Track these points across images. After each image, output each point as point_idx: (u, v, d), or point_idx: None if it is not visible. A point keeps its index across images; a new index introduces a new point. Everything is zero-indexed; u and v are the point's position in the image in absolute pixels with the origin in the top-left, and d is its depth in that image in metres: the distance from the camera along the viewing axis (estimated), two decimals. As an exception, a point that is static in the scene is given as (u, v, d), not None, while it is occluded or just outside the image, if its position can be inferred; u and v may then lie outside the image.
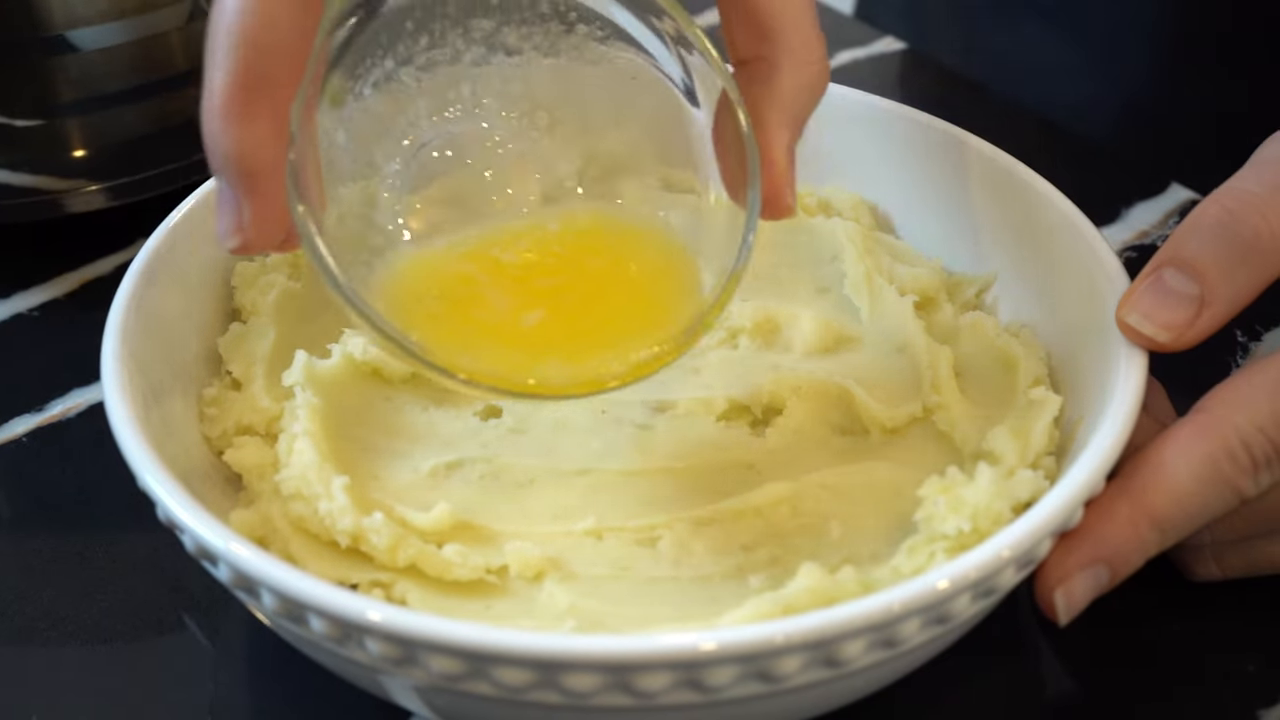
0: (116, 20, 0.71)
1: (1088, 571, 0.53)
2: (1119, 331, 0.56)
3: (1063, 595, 0.53)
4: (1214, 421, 0.54)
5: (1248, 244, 0.55)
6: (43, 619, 0.60)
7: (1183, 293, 0.55)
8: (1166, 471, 0.53)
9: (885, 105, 0.69)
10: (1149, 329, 0.55)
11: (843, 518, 0.56)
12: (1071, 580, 0.53)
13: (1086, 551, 0.53)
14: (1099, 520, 0.53)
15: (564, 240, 0.57)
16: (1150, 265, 0.56)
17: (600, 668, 0.47)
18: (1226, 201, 0.56)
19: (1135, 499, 0.53)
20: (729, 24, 0.54)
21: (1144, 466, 0.54)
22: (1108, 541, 0.53)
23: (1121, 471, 0.54)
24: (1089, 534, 0.53)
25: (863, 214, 0.69)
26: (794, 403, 0.60)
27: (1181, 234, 0.56)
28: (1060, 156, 0.69)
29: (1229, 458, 0.53)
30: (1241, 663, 0.58)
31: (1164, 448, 0.54)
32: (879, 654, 0.49)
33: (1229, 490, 0.54)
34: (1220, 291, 0.55)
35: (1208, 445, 0.53)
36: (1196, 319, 0.55)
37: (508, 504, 0.57)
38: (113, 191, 0.75)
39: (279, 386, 0.60)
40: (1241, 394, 0.54)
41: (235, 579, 0.50)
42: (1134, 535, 0.53)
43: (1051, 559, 0.53)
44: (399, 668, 0.48)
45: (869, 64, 0.92)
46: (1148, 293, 0.55)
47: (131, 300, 0.58)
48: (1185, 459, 0.53)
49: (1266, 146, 0.58)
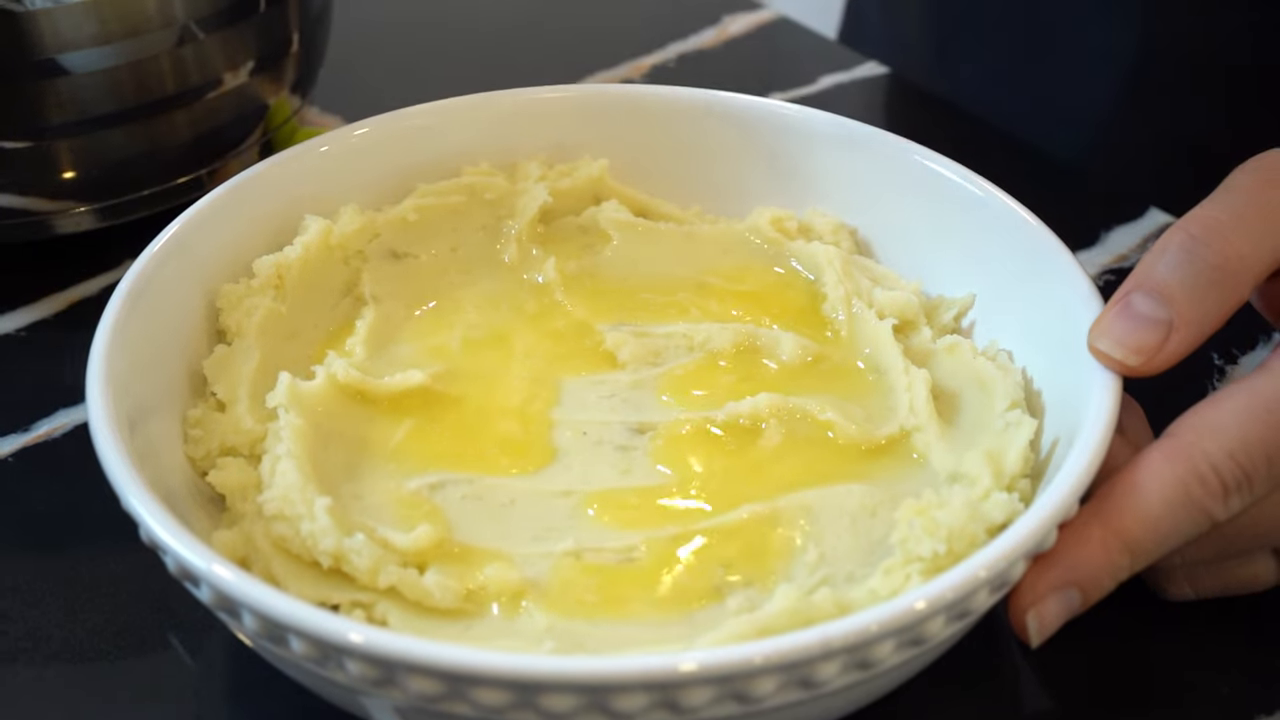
0: (106, 44, 0.71)
1: (1059, 594, 0.53)
2: (1092, 356, 0.57)
3: (1034, 618, 0.54)
4: (1184, 446, 0.54)
5: (1215, 268, 0.56)
6: (27, 638, 0.60)
7: (1152, 317, 0.56)
8: (1138, 496, 0.54)
9: (866, 130, 0.69)
10: (1119, 353, 0.56)
11: (819, 539, 0.56)
12: (1044, 603, 0.53)
13: (1058, 574, 0.53)
14: (1071, 543, 0.53)
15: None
16: (1120, 291, 0.57)
17: (578, 689, 0.47)
18: (1192, 228, 0.57)
19: (1107, 522, 0.54)
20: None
21: (1116, 490, 0.54)
22: (1079, 565, 0.53)
23: (1095, 495, 0.55)
24: (1061, 557, 0.53)
25: (842, 238, 0.69)
26: (772, 425, 0.61)
27: (1150, 260, 0.57)
28: (1039, 181, 0.69)
29: (1199, 482, 0.54)
30: (1218, 683, 0.59)
31: (1136, 472, 0.54)
32: (855, 675, 0.49)
33: (1200, 514, 0.54)
34: (1189, 315, 0.56)
35: (1178, 470, 0.54)
36: (1166, 343, 0.56)
37: (489, 525, 0.58)
38: (101, 213, 0.75)
39: (263, 408, 0.60)
40: (1211, 419, 0.55)
41: (216, 600, 0.51)
42: (1105, 558, 0.54)
43: (1024, 582, 0.53)
44: (378, 688, 0.49)
45: (852, 88, 0.92)
46: (1118, 318, 0.56)
47: (116, 322, 0.58)
48: (1157, 483, 0.54)
49: (1236, 175, 0.59)
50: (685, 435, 0.61)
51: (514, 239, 0.69)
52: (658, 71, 0.94)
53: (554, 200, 0.70)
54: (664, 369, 0.65)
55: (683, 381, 0.64)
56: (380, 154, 0.70)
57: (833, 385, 0.63)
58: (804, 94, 0.91)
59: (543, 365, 0.65)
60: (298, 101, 0.82)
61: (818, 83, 0.93)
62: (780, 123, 0.71)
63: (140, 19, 0.72)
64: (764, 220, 0.70)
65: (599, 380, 0.64)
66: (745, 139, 0.72)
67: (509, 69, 0.95)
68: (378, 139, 0.70)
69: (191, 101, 0.75)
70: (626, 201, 0.71)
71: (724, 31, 0.98)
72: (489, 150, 0.71)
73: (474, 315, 0.67)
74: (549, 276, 0.68)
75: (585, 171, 0.71)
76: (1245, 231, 0.56)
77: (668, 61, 0.95)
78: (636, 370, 0.64)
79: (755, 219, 0.70)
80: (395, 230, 0.69)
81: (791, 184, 0.71)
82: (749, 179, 0.72)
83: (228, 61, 0.76)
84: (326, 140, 0.69)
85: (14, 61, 0.70)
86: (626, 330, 0.66)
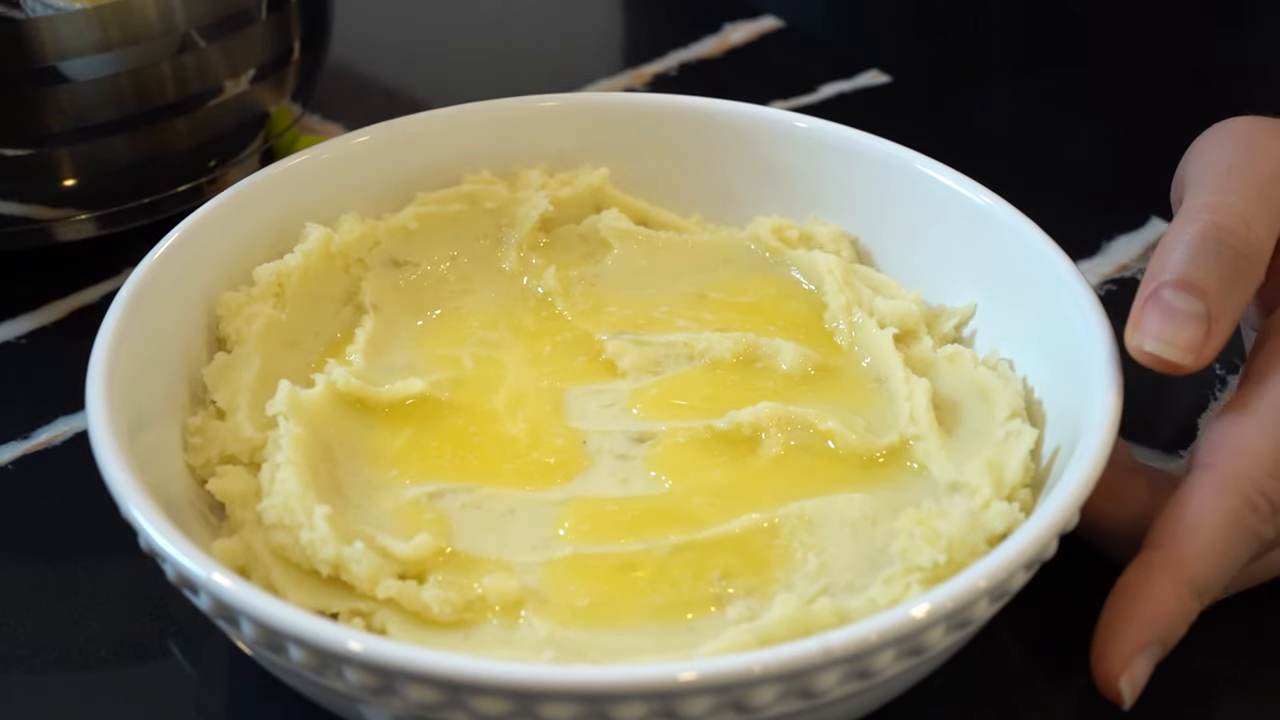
0: (107, 51, 0.71)
1: (1145, 654, 0.53)
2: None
3: (1128, 683, 0.53)
4: (1230, 478, 0.54)
5: (1242, 257, 0.55)
6: (26, 645, 0.60)
7: (1192, 312, 0.54)
8: (1200, 538, 0.53)
9: (866, 139, 0.69)
10: (1174, 354, 0.54)
11: (820, 549, 0.56)
12: (1133, 667, 0.53)
13: (1142, 636, 0.53)
14: (1147, 600, 0.53)
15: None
16: (1146, 288, 0.56)
17: (577, 698, 0.47)
18: (1209, 215, 0.56)
19: (1177, 572, 0.53)
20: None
21: (1178, 535, 0.53)
22: (1159, 621, 0.53)
23: (1151, 541, 0.54)
24: (1140, 616, 0.53)
25: (843, 246, 0.69)
26: (773, 433, 0.61)
27: (1171, 253, 0.56)
28: (1041, 191, 0.69)
29: (1253, 511, 0.53)
30: (1226, 694, 0.58)
31: (1191, 512, 0.53)
32: (855, 685, 0.49)
33: (1255, 541, 0.54)
34: (1224, 306, 0.54)
35: (1231, 503, 0.53)
36: (1209, 337, 0.54)
37: (489, 533, 0.58)
38: (101, 220, 0.75)
39: (263, 416, 0.60)
40: (1246, 443, 0.54)
41: (215, 608, 0.51)
42: (1180, 608, 0.53)
43: (1110, 648, 0.53)
44: (377, 697, 0.49)
45: (853, 97, 0.92)
46: (1157, 317, 0.55)
47: (116, 329, 0.58)
48: (1216, 521, 0.53)
49: (1201, 159, 0.58)
50: (685, 444, 0.61)
51: (514, 247, 0.69)
52: (659, 80, 0.94)
53: (555, 209, 0.70)
54: (664, 378, 0.65)
55: (683, 390, 0.64)
56: (381, 162, 0.70)
57: (833, 394, 0.63)
58: (805, 103, 0.92)
59: (543, 374, 0.65)
60: (298, 109, 0.82)
61: (819, 91, 0.93)
62: (781, 131, 0.71)
63: (141, 27, 0.72)
64: (765, 229, 0.70)
65: (599, 389, 0.64)
66: (746, 147, 0.72)
67: (510, 77, 0.95)
68: (378, 147, 0.70)
69: (192, 109, 0.75)
70: (627, 210, 0.71)
71: (725, 40, 0.98)
72: (490, 158, 0.71)
73: (474, 323, 0.67)
74: (549, 285, 0.68)
75: (586, 180, 0.71)
76: (1259, 216, 0.56)
77: (669, 70, 0.95)
78: (637, 379, 0.64)
79: (756, 228, 0.70)
80: (396, 238, 0.69)
81: (792, 192, 0.71)
82: (750, 187, 0.72)
83: (229, 69, 0.76)
84: (327, 148, 0.69)
85: (15, 69, 0.70)
86: (627, 339, 0.66)
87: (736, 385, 0.64)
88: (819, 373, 0.64)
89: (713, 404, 0.62)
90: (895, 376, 0.62)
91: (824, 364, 0.65)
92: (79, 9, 0.70)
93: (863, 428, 0.61)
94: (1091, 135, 0.92)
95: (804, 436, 0.61)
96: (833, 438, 0.60)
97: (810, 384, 0.64)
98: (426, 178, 0.70)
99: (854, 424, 0.61)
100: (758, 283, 0.69)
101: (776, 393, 0.63)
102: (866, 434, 0.61)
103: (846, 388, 0.64)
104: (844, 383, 0.64)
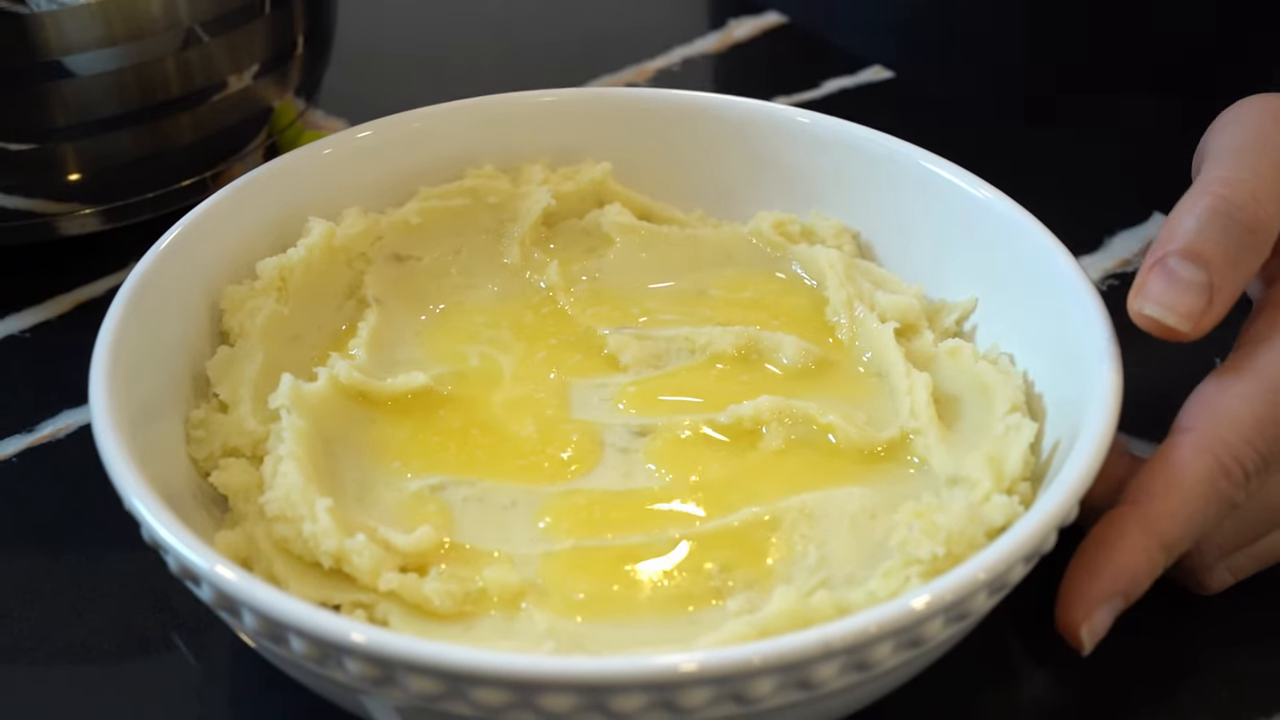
0: (111, 46, 0.71)
1: (1109, 604, 0.54)
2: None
3: (1089, 632, 0.54)
4: (1206, 441, 0.54)
5: (1250, 232, 0.56)
6: (29, 637, 0.60)
7: (1194, 281, 0.55)
8: (1173, 497, 0.54)
9: (868, 134, 0.70)
10: (1171, 319, 0.55)
11: (819, 542, 0.56)
12: (1095, 616, 0.54)
13: (1107, 586, 0.54)
14: (1116, 551, 0.54)
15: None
16: (1154, 254, 0.56)
17: (577, 688, 0.47)
18: (1220, 189, 0.56)
19: (1146, 527, 0.54)
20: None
21: (1150, 491, 0.54)
22: (1126, 571, 0.54)
23: (1126, 497, 0.55)
24: (1106, 565, 0.54)
25: (845, 241, 0.69)
26: (773, 427, 0.61)
27: (1181, 222, 0.56)
28: (1042, 185, 0.69)
29: (1225, 475, 0.54)
30: (1218, 684, 0.59)
31: (1165, 471, 0.54)
32: (854, 676, 0.50)
33: (1225, 504, 0.55)
34: (1227, 278, 0.55)
35: (1206, 464, 0.54)
36: (1209, 307, 0.55)
37: (490, 526, 0.58)
38: (106, 215, 0.76)
39: (265, 409, 0.60)
40: (1226, 407, 0.55)
41: (217, 599, 0.51)
42: (1147, 563, 0.54)
43: (1073, 593, 0.54)
44: (379, 688, 0.49)
45: (856, 92, 0.93)
46: (1161, 283, 0.56)
47: (120, 323, 0.59)
48: (1189, 481, 0.54)
49: (1221, 135, 0.58)
50: (686, 438, 0.61)
51: (517, 242, 0.70)
52: (662, 75, 0.94)
53: (557, 203, 0.70)
54: (666, 372, 0.65)
55: (685, 385, 0.64)
56: (383, 157, 0.70)
57: (834, 389, 0.63)
58: (808, 98, 0.92)
59: (544, 368, 0.65)
60: (302, 104, 0.83)
61: (821, 87, 0.93)
62: (783, 127, 0.71)
63: (145, 21, 0.72)
64: (766, 224, 0.70)
65: (601, 383, 0.64)
66: (748, 143, 0.72)
67: (512, 72, 0.95)
68: (381, 142, 0.70)
69: (196, 104, 0.75)
70: (629, 205, 0.71)
71: (728, 36, 0.98)
72: (492, 153, 0.71)
73: (476, 318, 0.67)
74: (552, 280, 0.69)
75: (588, 175, 0.71)
76: (1270, 193, 0.56)
77: (672, 65, 0.95)
78: (638, 373, 0.65)
79: (758, 222, 0.70)
80: (398, 233, 0.69)
81: (794, 187, 0.71)
82: (752, 182, 0.72)
83: (232, 64, 0.76)
84: (330, 143, 0.69)
85: (19, 64, 0.71)
86: (629, 333, 0.66)
87: (737, 379, 0.64)
88: (820, 367, 0.64)
89: (714, 398, 0.63)
90: (896, 371, 0.63)
91: (825, 358, 0.65)
92: (83, 4, 0.70)
93: (863, 422, 0.61)
94: (1093, 130, 0.92)
95: (804, 430, 0.61)
96: (833, 432, 0.60)
97: (811, 378, 0.64)
98: (429, 172, 0.71)
99: (854, 418, 0.61)
100: (759, 277, 0.69)
101: (777, 387, 0.63)
102: (867, 428, 0.61)
103: (847, 382, 0.64)
104: (845, 377, 0.64)
